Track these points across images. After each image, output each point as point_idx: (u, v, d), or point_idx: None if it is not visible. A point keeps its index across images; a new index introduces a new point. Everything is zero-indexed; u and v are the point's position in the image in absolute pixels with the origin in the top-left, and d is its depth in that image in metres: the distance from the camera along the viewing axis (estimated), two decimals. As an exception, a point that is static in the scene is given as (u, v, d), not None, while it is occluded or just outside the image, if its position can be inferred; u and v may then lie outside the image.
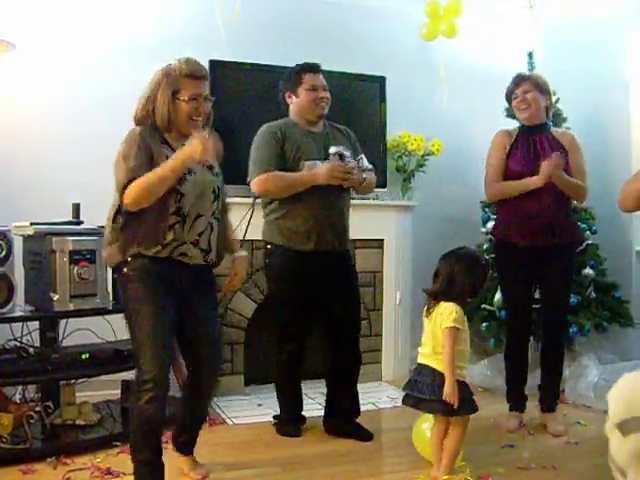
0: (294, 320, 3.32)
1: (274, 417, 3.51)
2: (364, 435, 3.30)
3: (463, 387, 2.63)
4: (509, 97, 3.49)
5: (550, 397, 3.47)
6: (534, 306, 3.56)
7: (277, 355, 3.40)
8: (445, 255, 2.78)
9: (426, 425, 2.89)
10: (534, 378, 3.59)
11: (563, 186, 3.28)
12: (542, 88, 3.40)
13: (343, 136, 3.39)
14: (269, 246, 3.32)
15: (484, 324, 4.34)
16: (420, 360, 2.74)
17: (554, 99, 3.58)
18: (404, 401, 2.76)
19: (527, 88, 3.38)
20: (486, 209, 4.55)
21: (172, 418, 2.85)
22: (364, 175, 3.30)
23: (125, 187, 2.35)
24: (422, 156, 4.61)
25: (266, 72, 4.12)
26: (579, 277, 4.18)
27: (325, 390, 3.48)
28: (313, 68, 3.31)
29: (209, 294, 2.70)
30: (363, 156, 3.38)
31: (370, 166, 3.40)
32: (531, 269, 3.40)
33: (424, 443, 2.88)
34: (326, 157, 3.21)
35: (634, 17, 4.38)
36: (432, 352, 2.67)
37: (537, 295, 3.60)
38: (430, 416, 2.81)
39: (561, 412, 3.60)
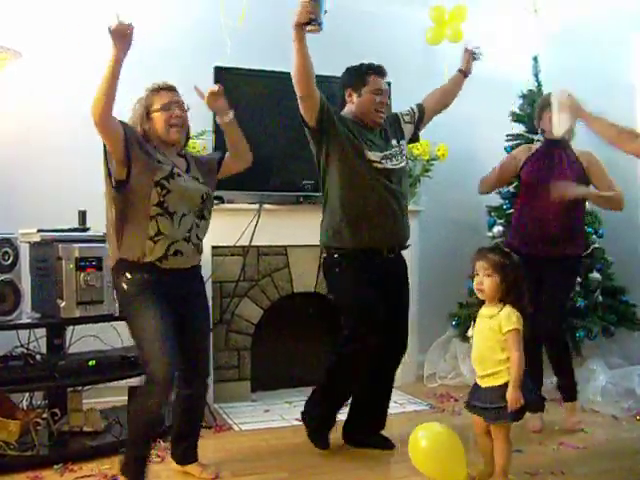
0: (361, 322, 3.05)
1: (303, 414, 3.26)
2: (388, 445, 3.27)
3: None
4: (544, 108, 3.49)
5: (567, 388, 3.58)
6: None
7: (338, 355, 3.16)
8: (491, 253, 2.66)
9: (422, 433, 2.73)
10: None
11: (597, 202, 3.52)
12: None
13: (392, 123, 3.30)
14: (331, 250, 3.16)
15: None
16: None
17: None
18: (500, 418, 2.61)
19: None
20: (492, 214, 4.55)
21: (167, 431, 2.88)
22: None
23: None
24: (428, 161, 4.60)
25: (271, 78, 4.11)
26: (586, 281, 4.17)
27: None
28: (380, 71, 3.19)
29: (202, 305, 2.86)
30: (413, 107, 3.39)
31: None
32: (534, 280, 3.37)
33: (420, 454, 2.73)
34: (386, 149, 3.14)
35: (638, 21, 4.38)
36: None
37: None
38: (428, 425, 2.78)
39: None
